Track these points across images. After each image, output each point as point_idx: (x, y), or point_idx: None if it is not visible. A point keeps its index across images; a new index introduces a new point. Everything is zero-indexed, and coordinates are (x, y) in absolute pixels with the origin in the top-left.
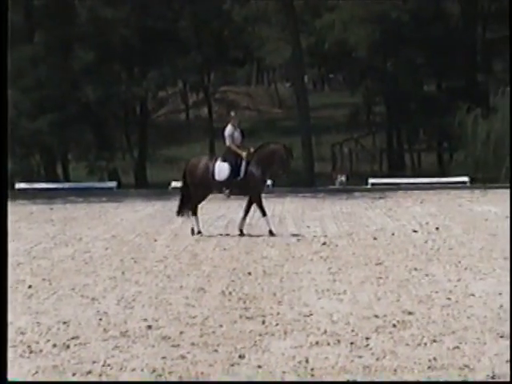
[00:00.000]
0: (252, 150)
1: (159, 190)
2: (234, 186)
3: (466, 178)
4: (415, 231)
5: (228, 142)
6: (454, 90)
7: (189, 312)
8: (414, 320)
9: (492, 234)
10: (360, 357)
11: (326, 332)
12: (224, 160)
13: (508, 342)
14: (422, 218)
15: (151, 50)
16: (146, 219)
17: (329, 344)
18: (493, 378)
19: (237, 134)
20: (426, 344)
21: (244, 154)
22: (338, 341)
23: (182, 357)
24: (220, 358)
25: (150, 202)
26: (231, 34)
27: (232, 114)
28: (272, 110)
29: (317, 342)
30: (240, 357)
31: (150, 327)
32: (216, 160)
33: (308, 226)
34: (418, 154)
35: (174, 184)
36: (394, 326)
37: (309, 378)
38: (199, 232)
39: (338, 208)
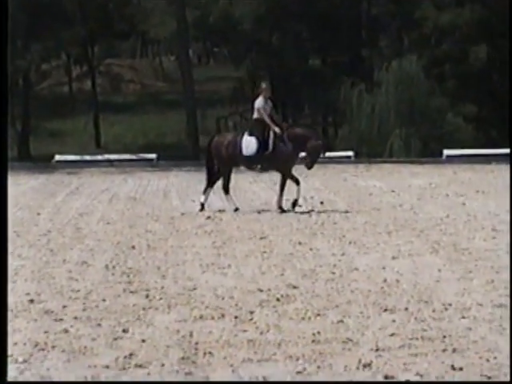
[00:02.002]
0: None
1: (43, 164)
2: (264, 160)
3: (350, 153)
4: (300, 205)
5: (257, 115)
6: (339, 64)
7: (72, 286)
8: (298, 294)
9: (376, 208)
10: (244, 331)
11: (210, 306)
12: (251, 134)
13: (392, 316)
14: (307, 193)
15: (35, 23)
16: (29, 193)
17: (213, 318)
18: (376, 350)
19: (267, 107)
20: (310, 318)
21: (277, 128)
22: (223, 315)
23: (65, 331)
24: (103, 331)
25: (33, 175)
26: (116, 7)
27: (263, 85)
28: (156, 84)
29: (201, 316)
30: (123, 331)
31: (32, 301)
32: (243, 135)
33: (193, 200)
34: None
35: (58, 157)
36: (278, 300)
37: (193, 352)
38: (237, 209)
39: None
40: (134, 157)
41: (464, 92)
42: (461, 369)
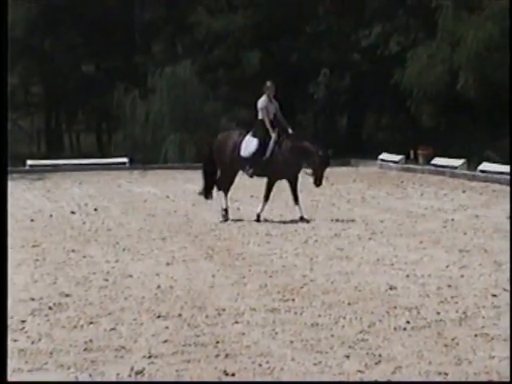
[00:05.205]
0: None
1: None
2: (258, 165)
3: (125, 159)
4: (73, 212)
5: (261, 116)
6: (113, 70)
7: None
8: (70, 302)
9: (151, 214)
10: (15, 340)
11: None
12: (254, 135)
13: (165, 322)
14: (81, 200)
15: None
16: None
17: None
18: (149, 358)
19: (271, 107)
20: (82, 326)
21: (274, 134)
22: None
23: None
24: None
25: None
26: None
27: (268, 83)
28: None
29: None
30: None
31: None
32: (246, 135)
33: None
34: (77, 134)
35: None
36: (51, 308)
37: None
38: (226, 210)
39: None
40: None
41: (237, 97)
42: (233, 374)
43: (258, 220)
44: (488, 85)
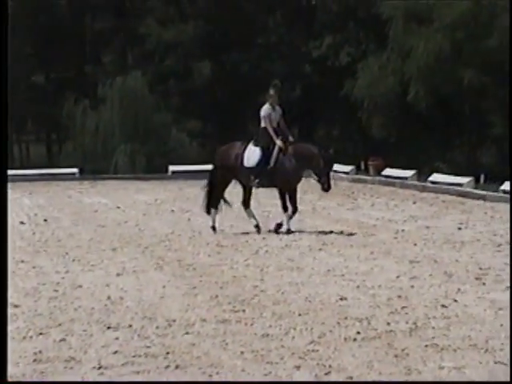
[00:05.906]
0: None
1: None
2: (263, 175)
3: (75, 170)
4: (23, 223)
5: (264, 124)
6: (63, 80)
7: None
8: (20, 313)
9: (101, 225)
10: None
11: None
12: (256, 144)
13: (115, 333)
14: (31, 210)
15: None
16: None
17: None
18: (99, 369)
19: (274, 115)
20: (31, 337)
21: (279, 142)
22: None
23: None
24: None
25: None
26: None
27: (271, 91)
28: None
29: None
30: None
31: None
32: (248, 144)
33: None
34: (27, 145)
35: None
36: None
37: None
38: (214, 228)
39: None
40: None
41: (188, 108)
42: None
43: (289, 232)
44: (438, 96)
